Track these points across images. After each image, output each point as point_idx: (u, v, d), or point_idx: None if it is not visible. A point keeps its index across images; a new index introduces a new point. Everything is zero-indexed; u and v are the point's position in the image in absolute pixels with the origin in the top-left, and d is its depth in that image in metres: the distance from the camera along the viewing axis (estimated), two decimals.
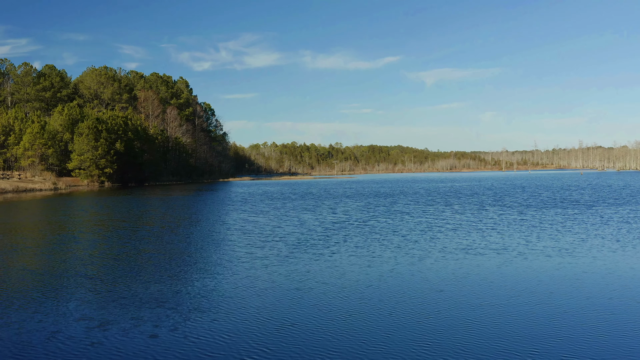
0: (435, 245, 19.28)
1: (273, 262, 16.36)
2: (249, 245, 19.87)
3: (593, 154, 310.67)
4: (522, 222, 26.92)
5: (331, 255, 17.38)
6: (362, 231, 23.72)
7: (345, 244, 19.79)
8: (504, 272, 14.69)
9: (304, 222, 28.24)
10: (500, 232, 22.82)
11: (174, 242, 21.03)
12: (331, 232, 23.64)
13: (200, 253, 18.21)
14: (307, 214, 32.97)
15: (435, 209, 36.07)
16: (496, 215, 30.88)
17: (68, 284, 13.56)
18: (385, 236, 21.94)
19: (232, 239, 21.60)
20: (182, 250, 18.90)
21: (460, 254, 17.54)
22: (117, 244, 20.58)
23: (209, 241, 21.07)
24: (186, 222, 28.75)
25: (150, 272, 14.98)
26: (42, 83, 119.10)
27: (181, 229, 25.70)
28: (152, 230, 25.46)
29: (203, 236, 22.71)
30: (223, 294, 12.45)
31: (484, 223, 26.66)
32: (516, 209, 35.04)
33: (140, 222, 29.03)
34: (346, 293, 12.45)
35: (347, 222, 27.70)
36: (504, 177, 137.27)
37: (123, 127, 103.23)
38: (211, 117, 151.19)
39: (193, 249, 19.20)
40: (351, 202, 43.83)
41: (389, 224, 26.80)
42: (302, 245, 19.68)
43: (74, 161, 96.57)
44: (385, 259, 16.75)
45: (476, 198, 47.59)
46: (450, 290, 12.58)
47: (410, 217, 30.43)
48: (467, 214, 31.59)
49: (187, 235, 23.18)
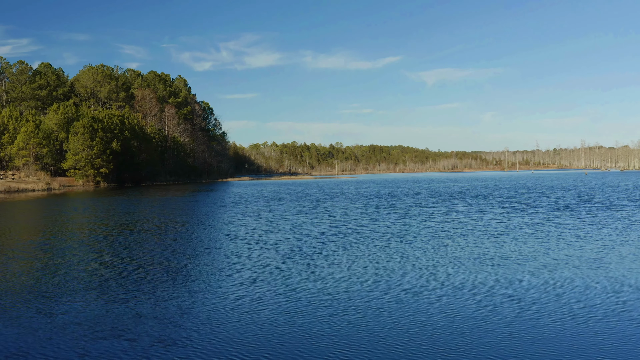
0: (445, 255, 17.22)
1: (261, 275, 14.30)
2: (235, 254, 17.77)
3: (596, 154, 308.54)
4: (535, 226, 24.85)
5: (328, 267, 15.31)
6: (363, 237, 21.64)
7: (345, 253, 17.72)
8: (530, 288, 12.63)
9: (298, 226, 26.16)
10: (514, 238, 20.76)
11: (152, 250, 18.97)
12: (328, 238, 21.56)
13: (180, 264, 16.14)
14: (303, 217, 30.87)
15: (440, 211, 34.01)
16: (505, 218, 28.83)
17: (6, 302, 11.53)
18: (389, 243, 19.88)
19: (217, 247, 19.52)
20: (159, 260, 16.85)
21: (474, 265, 15.48)
22: (88, 253, 18.54)
23: (192, 249, 19.00)
24: (172, 227, 26.71)
25: (115, 289, 12.93)
26: (38, 81, 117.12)
27: (164, 234, 23.65)
28: (133, 235, 23.42)
29: (187, 243, 20.65)
30: (196, 320, 10.38)
31: (494, 228, 24.61)
32: (526, 211, 32.98)
33: (122, 226, 27.00)
34: (347, 318, 10.39)
35: (345, 227, 25.63)
36: (507, 177, 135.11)
37: (119, 126, 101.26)
38: (210, 116, 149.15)
39: (172, 258, 17.14)
40: (350, 204, 41.73)
41: (391, 228, 24.74)
42: (295, 254, 17.60)
43: (68, 161, 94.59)
44: (391, 271, 14.69)
45: (481, 199, 45.53)
46: (470, 313, 10.53)
47: (414, 220, 28.37)
48: (475, 217, 29.54)
49: (169, 242, 21.13)
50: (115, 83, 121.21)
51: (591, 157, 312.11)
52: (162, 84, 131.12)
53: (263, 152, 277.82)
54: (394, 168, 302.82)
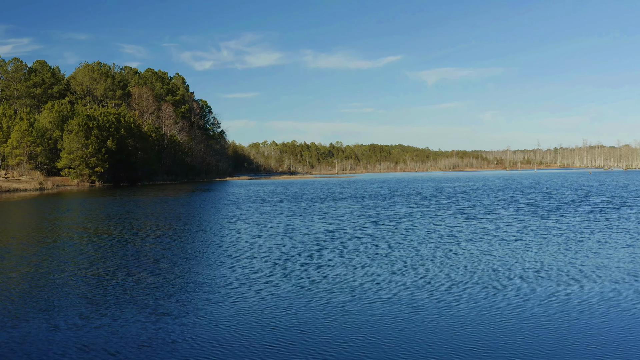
0: (456, 265, 15.23)
1: (244, 292, 12.30)
2: (217, 264, 15.73)
3: (599, 153, 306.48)
4: (550, 230, 22.86)
5: (324, 282, 13.31)
6: (362, 243, 19.63)
7: (343, 263, 15.73)
8: (564, 310, 10.62)
9: (291, 230, 24.09)
10: (530, 245, 18.78)
11: (124, 258, 16.97)
12: (324, 244, 19.51)
13: (150, 277, 14.09)
14: (297, 220, 28.79)
15: (444, 213, 32.03)
16: (515, 221, 26.84)
17: None
18: (392, 251, 17.89)
19: (199, 255, 17.48)
20: (129, 271, 14.87)
21: (492, 278, 13.49)
22: (48, 262, 16.56)
23: (169, 258, 16.96)
24: (153, 231, 24.73)
25: (63, 310, 10.95)
26: (33, 79, 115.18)
27: (143, 240, 21.62)
28: (108, 241, 21.42)
29: (165, 251, 18.63)
30: (158, 356, 8.41)
31: (505, 232, 22.62)
32: (536, 213, 30.99)
33: (99, 230, 25.02)
34: (347, 353, 8.43)
35: (343, 231, 23.56)
36: (509, 176, 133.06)
37: (115, 124, 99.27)
38: (208, 114, 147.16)
39: (143, 269, 15.11)
40: (348, 205, 39.66)
41: (393, 233, 22.73)
42: (286, 264, 15.59)
43: (63, 160, 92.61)
44: (397, 287, 12.69)
45: (486, 200, 43.55)
46: (498, 344, 8.57)
47: (417, 223, 26.37)
48: (482, 220, 27.56)
49: (145, 248, 19.13)
50: (111, 81, 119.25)
51: (593, 156, 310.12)
52: (160, 81, 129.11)
53: (263, 151, 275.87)
54: (394, 167, 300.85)
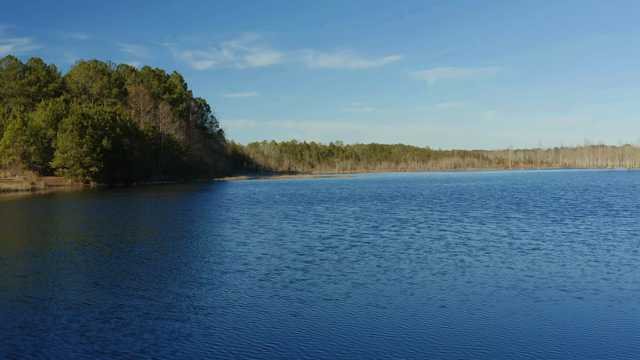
0: (471, 281, 13.18)
1: (219, 320, 10.23)
2: (193, 280, 13.58)
3: (601, 152, 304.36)
4: (570, 237, 20.80)
5: (318, 305, 11.25)
6: (362, 253, 17.56)
7: (340, 279, 13.66)
8: (616, 343, 8.60)
9: (283, 237, 21.97)
10: (550, 255, 16.73)
11: (87, 273, 14.92)
12: (318, 254, 17.39)
13: (112, 298, 11.98)
14: (290, 224, 26.65)
15: (449, 216, 29.96)
16: (527, 226, 24.79)
17: None
18: (396, 262, 15.83)
19: (174, 268, 15.33)
20: (84, 291, 12.81)
21: (517, 300, 11.43)
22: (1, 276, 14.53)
23: (136, 275, 14.82)
24: (130, 238, 22.67)
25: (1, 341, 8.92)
26: (27, 77, 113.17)
27: (115, 249, 19.48)
28: (77, 250, 19.37)
29: (135, 264, 16.53)
30: None
31: (519, 239, 20.57)
32: (548, 216, 28.92)
33: (73, 237, 22.98)
34: None
35: (340, 237, 21.45)
36: (512, 176, 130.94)
37: (111, 122, 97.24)
38: (206, 113, 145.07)
39: (105, 288, 13.04)
40: (346, 207, 37.51)
41: (396, 240, 20.66)
42: (272, 280, 13.49)
43: (56, 159, 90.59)
44: (406, 312, 10.64)
45: (492, 201, 41.48)
46: None
47: (421, 229, 24.30)
48: (491, 225, 25.51)
49: (115, 260, 17.07)
50: (107, 79, 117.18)
51: (595, 155, 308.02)
52: (157, 79, 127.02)
53: (262, 151, 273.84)
54: (395, 167, 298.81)
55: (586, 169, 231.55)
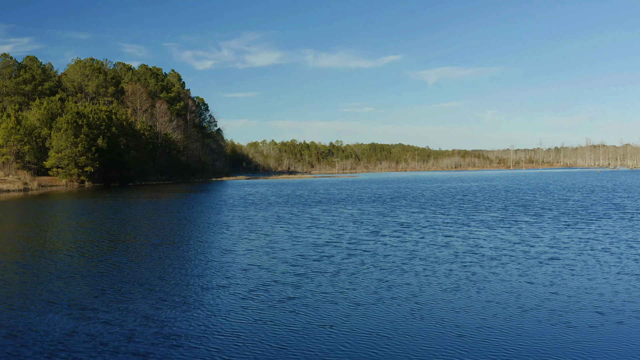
0: (491, 301, 11.37)
1: (187, 356, 8.45)
2: (165, 299, 11.71)
3: (602, 152, 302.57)
4: (589, 243, 18.99)
5: (310, 334, 9.44)
6: (360, 263, 15.72)
7: (336, 297, 11.85)
8: None
9: (273, 243, 20.17)
10: (572, 266, 14.93)
11: (48, 287, 13.15)
12: (311, 265, 15.54)
13: (67, 321, 10.27)
14: (282, 229, 24.79)
15: (454, 220, 28.17)
16: (540, 230, 22.99)
17: None
18: (400, 276, 14.04)
19: (146, 282, 13.49)
20: (41, 311, 11.06)
21: (549, 326, 9.64)
22: None
23: (100, 291, 13.10)
24: (106, 244, 20.89)
25: None
26: (23, 75, 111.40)
27: (87, 259, 17.79)
28: (44, 258, 17.61)
29: (106, 274, 14.81)
30: None
31: (532, 246, 18.79)
32: (560, 220, 27.12)
33: (43, 244, 21.21)
34: None
35: (336, 245, 19.59)
36: (514, 176, 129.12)
37: (106, 121, 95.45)
38: (204, 112, 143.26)
39: (67, 309, 11.29)
40: (344, 210, 35.65)
41: (398, 248, 18.86)
42: (257, 299, 11.65)
43: (51, 159, 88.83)
44: (415, 340, 8.88)
45: (497, 203, 39.70)
46: None
47: (425, 234, 22.50)
48: (500, 230, 23.72)
49: (85, 270, 15.32)
50: (104, 77, 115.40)
51: (596, 155, 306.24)
52: (154, 78, 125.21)
53: (262, 151, 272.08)
54: (395, 166, 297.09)
55: (588, 169, 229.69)
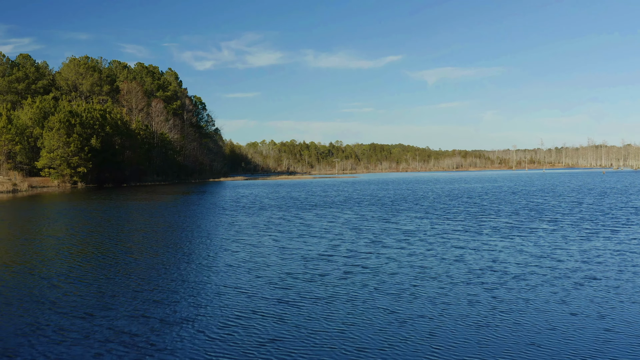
0: (532, 339, 8.90)
1: None
2: (107, 342, 9.21)
3: (604, 152, 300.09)
4: (628, 258, 16.49)
5: None
6: (360, 285, 13.17)
7: (331, 339, 9.33)
8: None
9: (257, 257, 17.45)
10: (619, 290, 12.44)
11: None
12: (300, 288, 12.88)
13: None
14: (270, 238, 22.01)
15: (463, 227, 25.65)
16: (564, 241, 20.50)
17: None
18: (409, 302, 11.55)
19: (89, 312, 11.00)
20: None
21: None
22: None
23: (40, 321, 10.65)
24: (66, 256, 18.42)
25: None
26: (16, 74, 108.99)
27: (28, 279, 15.33)
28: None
29: (40, 303, 12.32)
30: None
31: (562, 261, 16.30)
32: (582, 227, 24.62)
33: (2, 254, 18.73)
34: None
35: (330, 259, 16.94)
36: (517, 177, 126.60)
37: (100, 121, 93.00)
38: (202, 111, 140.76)
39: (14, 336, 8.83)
40: (341, 214, 32.94)
41: (403, 263, 16.33)
42: (228, 341, 9.03)
43: (42, 159, 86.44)
44: None
45: (507, 207, 37.22)
46: None
47: (434, 245, 19.98)
48: (517, 239, 21.25)
49: (20, 295, 12.82)
50: (98, 75, 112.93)
51: (599, 155, 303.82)
52: (150, 76, 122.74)
53: (261, 151, 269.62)
54: (396, 167, 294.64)
55: (591, 169, 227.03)
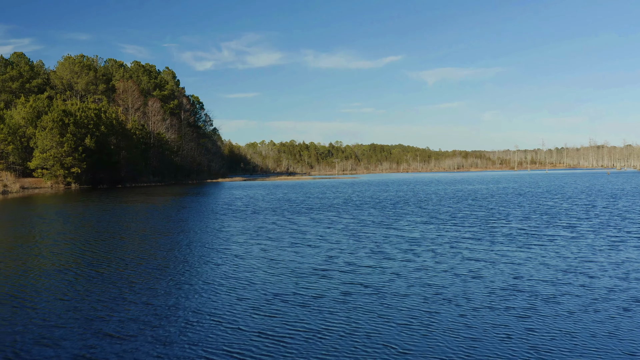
0: None
1: None
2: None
3: (606, 153, 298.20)
4: None
5: None
6: (363, 310, 11.19)
7: None
8: None
9: (241, 271, 15.34)
10: None
11: None
12: (288, 315, 10.73)
13: None
14: (258, 247, 19.75)
15: (474, 234, 23.60)
16: (590, 251, 18.46)
17: None
18: (423, 336, 9.50)
19: (28, 357, 9.09)
20: None
21: None
22: None
23: None
24: (20, 269, 16.40)
25: None
26: (9, 72, 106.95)
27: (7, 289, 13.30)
28: None
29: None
30: None
31: (600, 279, 14.26)
32: (605, 234, 22.56)
33: None
34: None
35: (325, 275, 14.78)
36: (520, 177, 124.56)
37: (95, 120, 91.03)
38: (200, 111, 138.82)
39: None
40: (338, 219, 30.76)
41: (411, 281, 14.29)
42: None
43: (35, 159, 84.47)
44: None
45: (517, 210, 35.18)
46: None
47: (444, 257, 17.92)
48: (537, 249, 19.23)
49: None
50: (94, 74, 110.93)
51: (601, 156, 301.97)
52: (147, 75, 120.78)
53: (260, 151, 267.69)
54: (397, 167, 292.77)
55: (594, 170, 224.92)
